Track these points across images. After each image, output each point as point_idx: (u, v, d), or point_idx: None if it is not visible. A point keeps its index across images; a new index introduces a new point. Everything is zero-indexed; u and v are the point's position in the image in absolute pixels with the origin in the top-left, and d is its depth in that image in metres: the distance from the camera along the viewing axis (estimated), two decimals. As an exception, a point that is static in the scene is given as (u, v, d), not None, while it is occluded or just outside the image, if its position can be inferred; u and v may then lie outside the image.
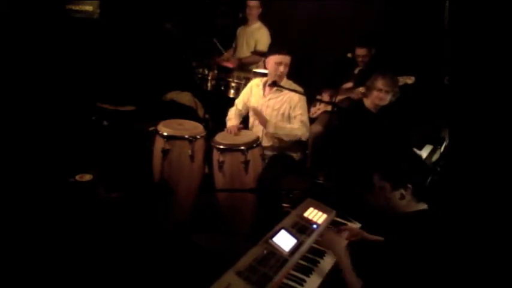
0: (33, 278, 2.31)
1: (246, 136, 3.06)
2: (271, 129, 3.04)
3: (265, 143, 3.16)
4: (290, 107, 3.09)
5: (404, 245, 1.63)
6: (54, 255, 2.47)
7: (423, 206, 1.74)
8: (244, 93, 3.36)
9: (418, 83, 3.60)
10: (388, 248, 1.72)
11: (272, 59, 3.04)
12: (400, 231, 1.71)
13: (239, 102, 3.37)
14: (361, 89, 3.63)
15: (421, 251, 1.60)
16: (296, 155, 3.24)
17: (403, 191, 1.72)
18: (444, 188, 2.52)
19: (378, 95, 2.97)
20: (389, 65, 3.62)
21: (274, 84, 3.07)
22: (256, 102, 3.22)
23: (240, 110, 3.36)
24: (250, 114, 3.31)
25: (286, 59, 3.02)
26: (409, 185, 1.71)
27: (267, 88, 3.17)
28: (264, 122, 3.06)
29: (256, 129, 3.23)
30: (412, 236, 1.65)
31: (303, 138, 3.12)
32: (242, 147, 2.88)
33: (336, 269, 1.93)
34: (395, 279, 1.60)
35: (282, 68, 3.02)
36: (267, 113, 3.15)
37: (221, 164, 2.90)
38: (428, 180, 1.83)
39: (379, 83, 2.95)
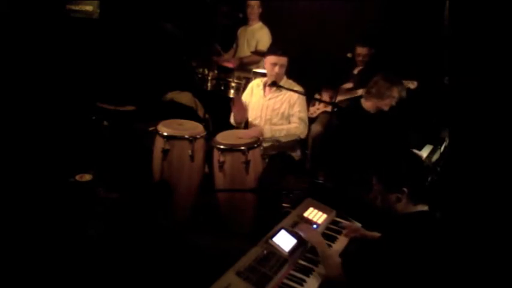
0: (33, 278, 2.30)
1: (246, 137, 3.05)
2: (268, 134, 3.05)
3: (266, 143, 3.17)
4: (289, 106, 3.10)
5: (401, 245, 1.63)
6: (54, 255, 2.46)
7: (423, 208, 1.73)
8: (245, 94, 3.38)
9: (420, 85, 3.61)
10: (385, 247, 1.73)
11: (268, 60, 3.07)
12: (398, 231, 1.71)
13: None
14: (361, 91, 3.63)
15: (418, 251, 1.60)
16: (296, 155, 3.25)
17: (398, 195, 1.71)
18: (443, 189, 2.52)
19: (390, 102, 2.96)
20: (390, 66, 3.63)
21: (274, 84, 3.08)
22: (256, 103, 3.23)
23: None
24: (250, 114, 3.31)
25: (281, 60, 3.02)
26: (405, 189, 1.70)
27: (267, 88, 3.19)
28: (259, 131, 3.05)
29: (250, 128, 3.23)
30: (409, 236, 1.65)
31: (302, 136, 3.13)
32: (243, 148, 2.88)
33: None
34: (391, 278, 1.60)
35: (277, 69, 3.03)
36: (267, 113, 3.17)
37: (222, 164, 2.90)
38: (427, 182, 1.83)
39: (395, 91, 2.93)
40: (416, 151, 3.11)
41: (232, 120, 3.36)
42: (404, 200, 1.71)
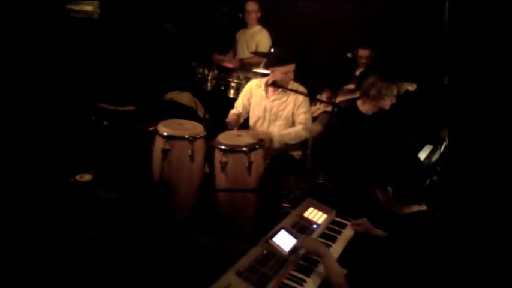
0: (33, 278, 2.30)
1: (248, 137, 3.05)
2: (277, 140, 3.06)
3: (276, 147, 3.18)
4: (294, 106, 3.11)
5: (405, 254, 1.63)
6: (54, 255, 2.47)
7: (420, 208, 1.72)
8: (244, 95, 3.35)
9: (419, 88, 3.62)
10: (384, 247, 1.73)
11: (279, 70, 3.03)
12: (400, 237, 1.71)
13: (239, 105, 3.37)
14: None
15: (417, 251, 1.59)
16: (297, 154, 3.25)
17: (384, 194, 1.74)
18: (444, 188, 2.52)
19: (392, 100, 2.95)
20: (391, 67, 3.63)
21: (274, 84, 3.08)
22: (258, 104, 3.22)
23: (241, 112, 3.35)
24: (251, 115, 3.31)
25: (293, 66, 3.05)
26: (389, 188, 1.71)
27: (270, 89, 3.17)
28: (269, 138, 3.04)
29: (258, 130, 3.23)
30: (410, 236, 1.65)
31: (307, 138, 3.17)
32: (245, 149, 2.88)
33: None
34: (389, 277, 1.60)
35: (291, 75, 3.06)
36: (271, 113, 3.17)
37: (224, 165, 2.89)
38: (417, 182, 1.82)
39: (395, 90, 2.92)
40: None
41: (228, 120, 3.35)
42: (391, 200, 1.72)
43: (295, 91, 3.04)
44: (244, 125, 3.41)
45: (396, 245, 1.64)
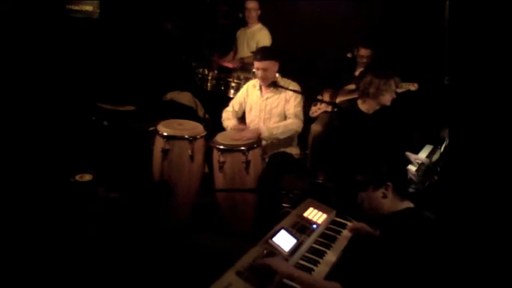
0: (33, 278, 2.30)
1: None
2: (266, 134, 3.04)
3: (265, 142, 3.18)
4: (285, 102, 3.13)
5: (394, 244, 1.63)
6: (54, 255, 2.47)
7: (409, 204, 1.76)
8: (240, 94, 3.39)
9: (420, 87, 3.62)
10: (377, 247, 1.73)
11: (254, 65, 3.10)
12: (390, 230, 1.72)
13: (235, 104, 3.39)
14: None
15: (412, 251, 1.59)
16: (296, 153, 3.25)
17: (383, 190, 1.75)
18: (444, 189, 2.52)
19: (392, 96, 2.96)
20: (391, 67, 3.63)
21: (274, 84, 3.09)
22: (254, 104, 3.25)
23: (237, 111, 3.37)
24: (247, 115, 3.32)
25: (261, 64, 3.03)
26: (389, 183, 1.74)
27: (263, 88, 3.20)
28: (256, 133, 3.03)
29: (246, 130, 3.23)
30: (402, 235, 1.65)
31: (299, 131, 3.16)
32: (242, 148, 2.88)
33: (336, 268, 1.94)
34: (384, 277, 1.60)
35: (259, 73, 3.06)
36: (265, 112, 3.18)
37: (222, 165, 2.90)
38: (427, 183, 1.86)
39: (393, 84, 2.94)
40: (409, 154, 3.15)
41: (224, 124, 3.35)
42: (390, 195, 1.75)
43: (286, 88, 3.05)
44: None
45: (394, 245, 1.64)
